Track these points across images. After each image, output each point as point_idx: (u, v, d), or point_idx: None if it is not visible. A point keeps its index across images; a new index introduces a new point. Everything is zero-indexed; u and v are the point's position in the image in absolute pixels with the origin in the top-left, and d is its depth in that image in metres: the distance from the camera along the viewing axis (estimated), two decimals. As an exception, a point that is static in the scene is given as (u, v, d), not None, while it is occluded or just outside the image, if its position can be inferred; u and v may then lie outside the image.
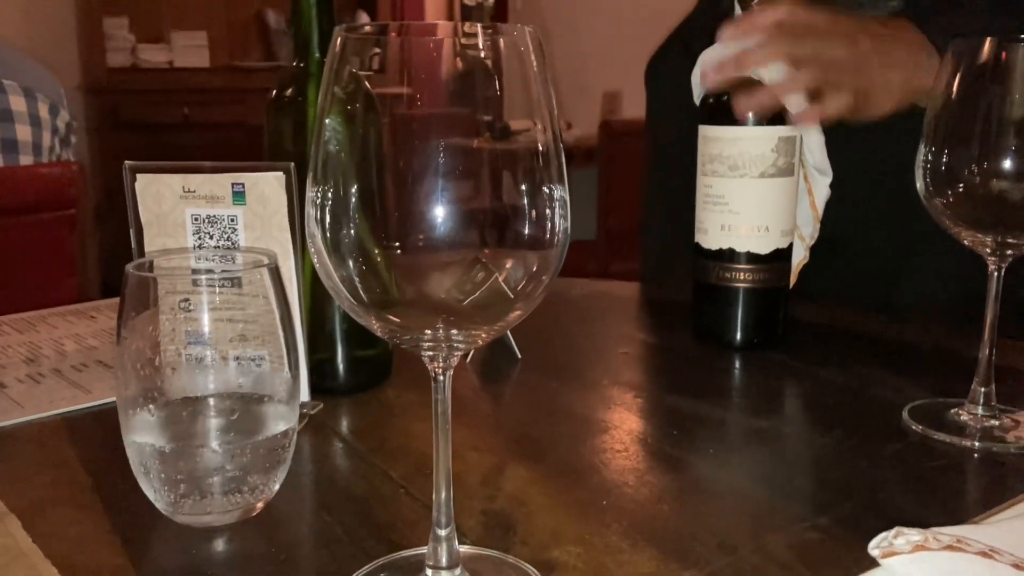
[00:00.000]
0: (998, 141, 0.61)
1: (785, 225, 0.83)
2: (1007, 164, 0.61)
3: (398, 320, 0.41)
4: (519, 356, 0.82)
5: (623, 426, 0.68)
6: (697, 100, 0.87)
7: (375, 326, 0.41)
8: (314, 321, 0.71)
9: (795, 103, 0.78)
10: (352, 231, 0.40)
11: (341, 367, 0.73)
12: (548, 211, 0.41)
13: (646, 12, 1.79)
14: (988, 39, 0.61)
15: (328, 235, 0.41)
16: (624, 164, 2.85)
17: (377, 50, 0.41)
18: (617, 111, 3.77)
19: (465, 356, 0.80)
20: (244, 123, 4.03)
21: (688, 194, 0.87)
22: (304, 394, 0.68)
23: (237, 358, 0.56)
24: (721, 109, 0.82)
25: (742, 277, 0.83)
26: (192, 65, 4.67)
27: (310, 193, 0.41)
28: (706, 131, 0.82)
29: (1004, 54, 0.62)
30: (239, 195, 0.65)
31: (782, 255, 0.83)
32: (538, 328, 0.94)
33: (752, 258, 0.82)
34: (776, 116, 0.80)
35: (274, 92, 0.70)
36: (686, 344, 0.87)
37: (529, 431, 0.67)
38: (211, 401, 0.54)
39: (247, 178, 0.64)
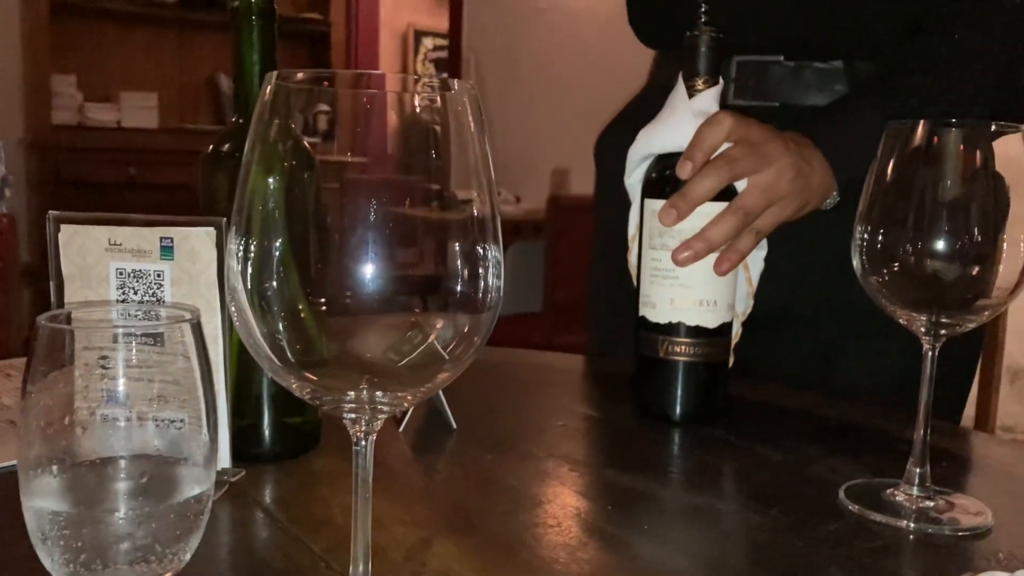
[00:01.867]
0: (931, 222, 0.62)
1: (730, 299, 0.83)
2: (940, 245, 0.62)
3: (320, 380, 0.39)
4: (454, 426, 0.80)
5: (557, 500, 0.66)
6: (628, 175, 0.88)
7: (295, 386, 0.39)
8: (240, 384, 0.69)
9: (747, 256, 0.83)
10: (275, 286, 0.39)
11: (267, 433, 0.70)
12: (482, 271, 0.40)
13: (596, 91, 1.82)
14: (922, 122, 0.63)
15: (250, 289, 0.39)
16: (571, 239, 2.88)
17: (325, 108, 0.40)
18: (566, 187, 3.82)
19: (398, 424, 0.78)
20: (190, 185, 3.98)
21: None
22: (225, 460, 0.65)
23: (155, 419, 0.53)
24: (669, 183, 0.82)
25: (689, 351, 0.82)
26: (140, 126, 4.64)
27: (232, 245, 0.39)
28: (655, 205, 0.82)
29: (936, 138, 0.63)
30: (167, 250, 0.62)
31: (727, 329, 0.83)
32: (477, 398, 0.92)
33: (700, 332, 0.82)
34: (725, 191, 0.81)
35: (210, 148, 0.69)
36: (626, 418, 0.86)
37: (460, 504, 0.65)
38: (121, 463, 0.51)
39: (176, 232, 0.62)
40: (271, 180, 0.39)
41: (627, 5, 1.13)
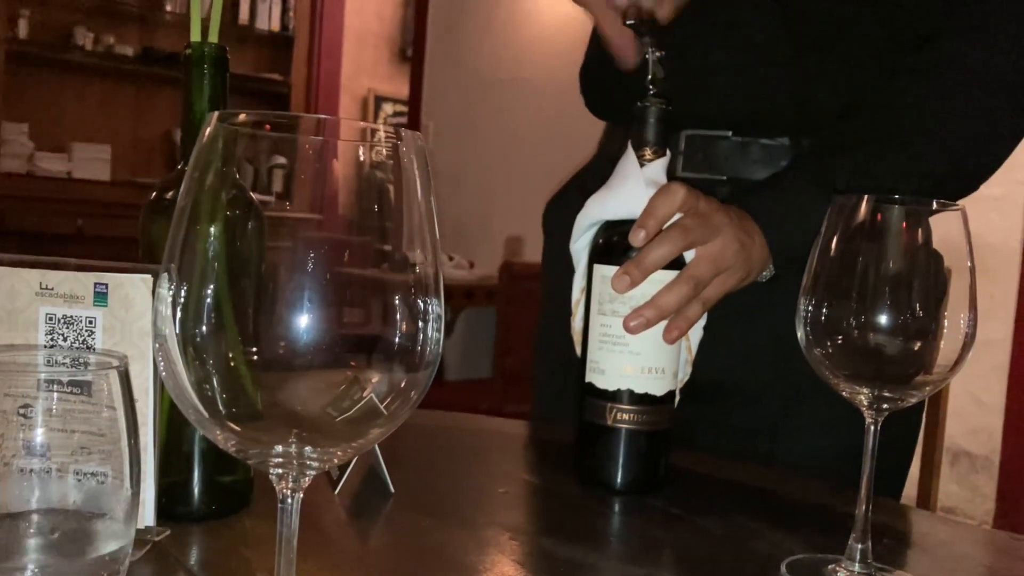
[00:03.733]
0: (874, 297, 0.63)
1: (676, 367, 0.83)
2: (883, 319, 0.62)
3: (246, 432, 0.37)
4: (392, 490, 0.77)
5: (495, 570, 0.64)
6: (575, 241, 0.88)
7: (219, 437, 0.37)
8: (170, 439, 0.66)
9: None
10: (206, 333, 0.37)
11: (195, 491, 0.67)
12: (422, 325, 0.39)
13: (552, 161, 1.84)
14: (866, 198, 0.64)
15: (179, 335, 0.38)
16: (523, 305, 2.87)
17: (281, 160, 0.39)
18: (519, 254, 3.84)
19: (334, 486, 0.76)
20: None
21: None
22: (150, 517, 0.62)
23: (75, 472, 0.51)
24: (619, 249, 0.82)
25: (637, 419, 0.81)
26: (92, 177, 4.59)
27: (161, 290, 0.38)
28: (605, 271, 0.82)
29: (879, 214, 0.64)
30: (101, 296, 0.60)
31: (672, 398, 0.83)
32: (418, 462, 0.90)
33: (648, 400, 0.81)
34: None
35: (153, 194, 0.67)
36: (569, 486, 0.84)
37: (394, 572, 0.62)
38: (35, 517, 0.48)
39: (111, 279, 0.60)
40: (207, 223, 0.38)
41: (579, 77, 1.15)
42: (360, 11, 6.08)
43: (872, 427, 0.65)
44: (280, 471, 0.38)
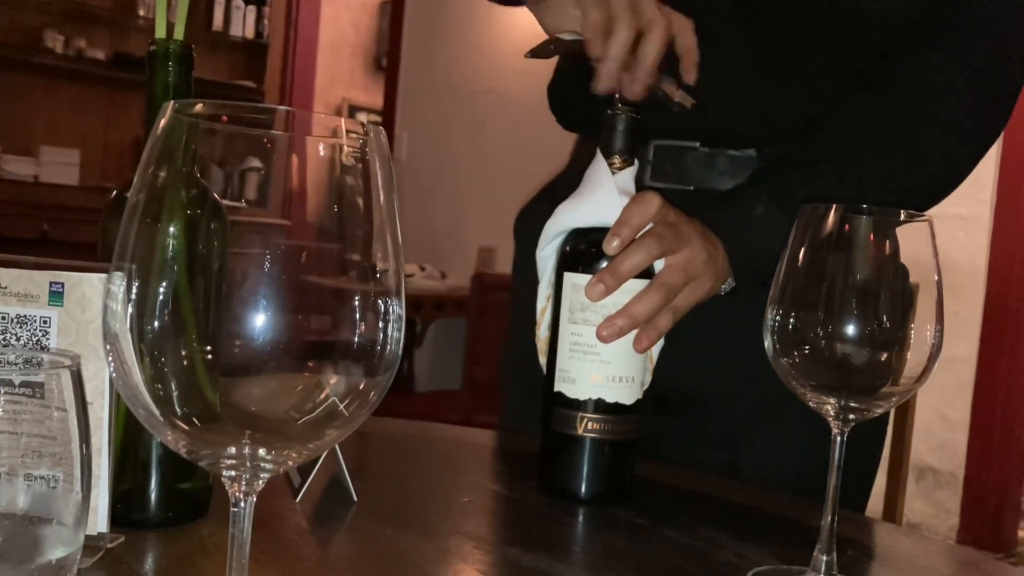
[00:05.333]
0: (841, 307, 0.63)
1: (644, 376, 0.83)
2: (850, 329, 0.62)
3: (198, 433, 0.36)
4: (355, 498, 0.76)
5: (457, 578, 0.63)
6: (542, 248, 0.88)
7: (170, 438, 0.36)
8: (126, 444, 0.65)
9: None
10: (159, 330, 0.36)
11: (152, 497, 0.66)
12: (382, 325, 0.38)
13: (525, 172, 1.84)
14: (834, 208, 0.64)
15: (131, 332, 0.36)
16: (494, 317, 2.87)
17: (258, 165, 0.38)
18: (492, 265, 3.83)
19: (295, 493, 0.74)
20: (106, 244, 3.88)
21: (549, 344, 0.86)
22: (103, 524, 0.61)
23: (26, 476, 0.49)
24: (590, 257, 0.82)
25: (607, 428, 0.81)
26: (59, 182, 4.53)
27: (112, 287, 0.36)
28: (576, 279, 0.82)
29: (847, 225, 0.64)
30: (56, 295, 0.59)
31: (641, 407, 0.82)
32: (382, 471, 0.89)
33: (618, 408, 0.81)
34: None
35: (114, 193, 0.66)
36: (535, 495, 0.84)
37: (354, 579, 0.61)
38: (-21, 522, 0.47)
39: (68, 277, 0.59)
40: (166, 220, 0.37)
41: (547, 90, 1.15)
42: (335, 20, 6.07)
43: (838, 437, 0.65)
44: (233, 473, 0.37)
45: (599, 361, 0.81)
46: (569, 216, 0.86)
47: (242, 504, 0.37)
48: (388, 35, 4.98)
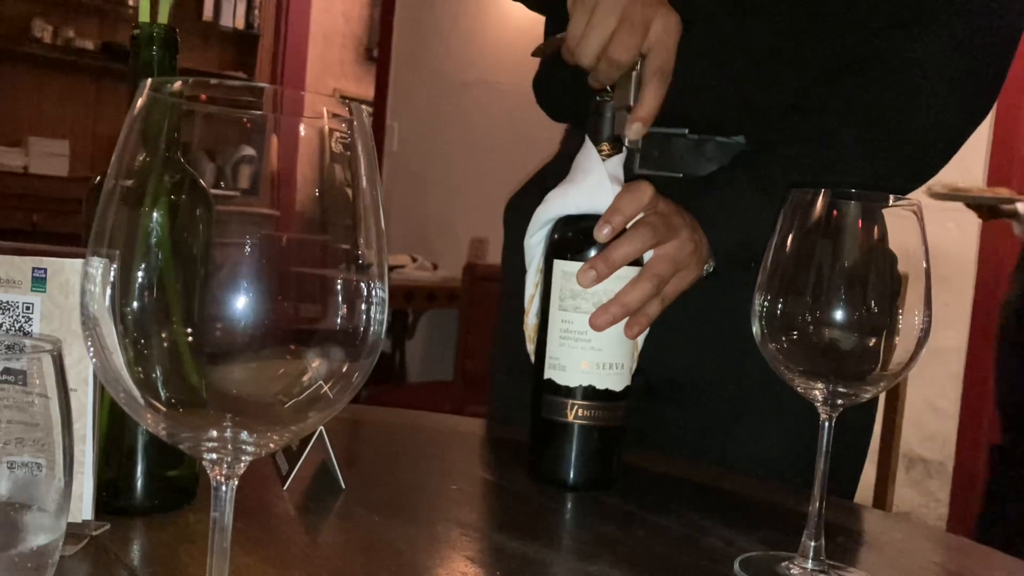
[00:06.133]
0: (829, 292, 0.63)
1: (632, 363, 0.83)
2: (838, 314, 0.62)
3: (178, 416, 0.36)
4: (343, 486, 0.76)
5: (445, 566, 0.63)
6: (531, 236, 0.87)
7: (149, 420, 0.36)
8: (112, 432, 0.64)
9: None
10: (138, 311, 0.36)
11: (138, 485, 0.65)
12: (364, 307, 0.38)
13: (517, 163, 1.83)
14: (823, 193, 0.63)
15: (111, 315, 0.36)
16: (486, 307, 2.86)
17: (239, 146, 0.38)
18: (483, 256, 3.83)
19: (283, 481, 0.74)
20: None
21: (538, 332, 0.85)
22: (88, 511, 0.60)
23: (9, 463, 0.49)
24: (579, 244, 0.82)
25: (597, 414, 0.81)
26: (49, 173, 4.50)
27: (91, 269, 0.36)
28: (566, 266, 0.81)
29: (835, 211, 0.64)
30: (39, 281, 0.58)
31: (629, 393, 0.82)
32: (371, 458, 0.88)
33: (608, 395, 0.81)
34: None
35: (98, 179, 0.65)
36: (523, 482, 0.83)
37: (341, 569, 0.61)
38: (-41, 509, 0.46)
39: (50, 263, 0.58)
40: (141, 200, 0.36)
41: (533, 84, 1.15)
42: (327, 10, 6.04)
43: (826, 423, 0.65)
44: (214, 456, 0.36)
45: (589, 348, 0.80)
46: (559, 203, 0.85)
47: (223, 488, 0.37)
48: (379, 25, 4.96)
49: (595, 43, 0.83)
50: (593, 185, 0.83)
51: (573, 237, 0.83)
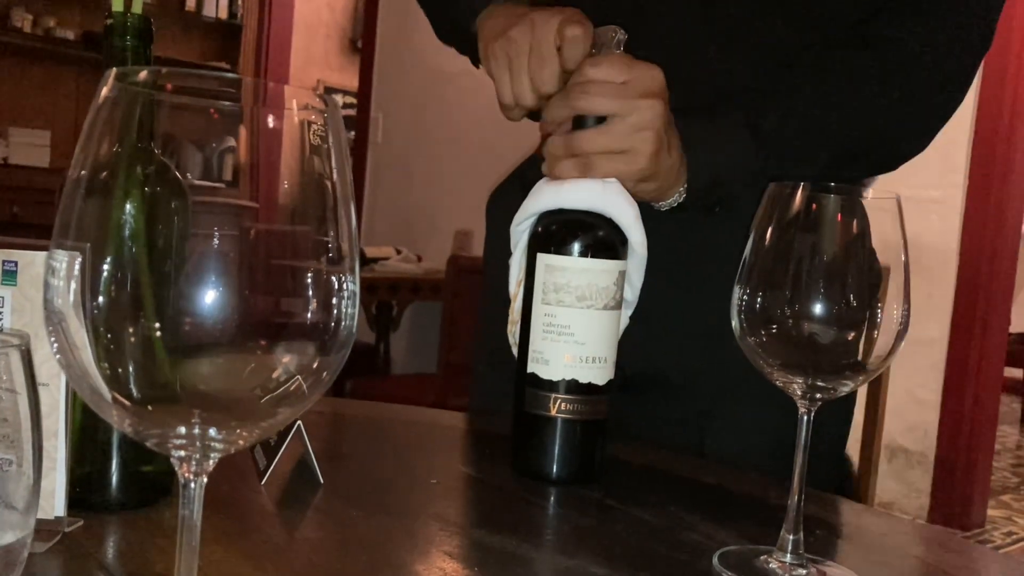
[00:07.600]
0: (808, 286, 0.63)
1: (614, 356, 0.82)
2: (817, 308, 0.62)
3: (145, 412, 0.35)
4: (321, 480, 0.75)
5: (423, 561, 0.62)
6: (516, 224, 0.87)
7: (115, 418, 0.35)
8: (85, 427, 0.63)
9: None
10: (106, 304, 0.35)
11: (113, 480, 0.65)
12: (335, 301, 0.37)
13: (501, 155, 1.83)
14: (802, 186, 0.63)
15: (77, 309, 0.35)
16: (470, 300, 2.86)
17: (231, 143, 0.37)
18: (468, 249, 3.81)
19: (260, 476, 0.73)
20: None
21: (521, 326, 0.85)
22: (60, 507, 0.60)
23: (-21, 460, 0.48)
24: (562, 238, 0.81)
25: (580, 408, 0.80)
26: (29, 163, 4.46)
27: (55, 262, 0.35)
28: (549, 260, 0.81)
29: (815, 205, 0.64)
30: (10, 274, 0.58)
31: (612, 387, 0.82)
32: (350, 453, 0.88)
33: (591, 389, 0.80)
34: (608, 252, 0.80)
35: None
36: (504, 477, 0.83)
37: (318, 564, 0.60)
38: (-76, 506, 0.45)
39: (21, 256, 0.57)
40: (106, 191, 0.36)
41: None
42: (311, 0, 6.00)
43: (805, 417, 0.65)
44: (182, 453, 0.36)
45: (573, 342, 0.80)
46: (551, 196, 0.84)
47: (192, 485, 0.36)
48: (363, 16, 4.93)
49: (525, 86, 0.88)
50: (590, 183, 0.83)
51: (555, 231, 0.83)
